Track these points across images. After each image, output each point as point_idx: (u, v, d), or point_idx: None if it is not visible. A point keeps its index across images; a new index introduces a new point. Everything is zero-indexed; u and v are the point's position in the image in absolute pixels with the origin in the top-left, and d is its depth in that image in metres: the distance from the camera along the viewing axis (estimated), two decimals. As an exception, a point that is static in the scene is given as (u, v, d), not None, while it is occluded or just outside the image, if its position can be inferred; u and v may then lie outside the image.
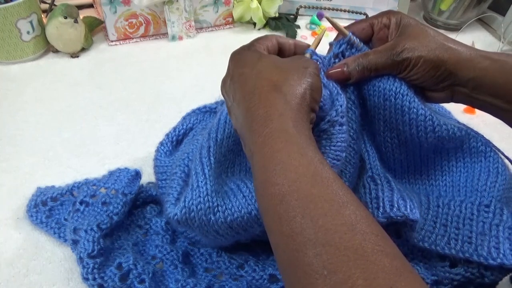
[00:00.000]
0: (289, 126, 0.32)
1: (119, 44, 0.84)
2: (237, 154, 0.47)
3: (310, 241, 0.27)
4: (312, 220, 0.28)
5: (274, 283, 0.43)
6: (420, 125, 0.42)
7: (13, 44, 0.75)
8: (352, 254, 0.26)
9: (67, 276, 0.46)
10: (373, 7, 0.94)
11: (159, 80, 0.76)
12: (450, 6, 0.90)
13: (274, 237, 0.30)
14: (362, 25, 0.45)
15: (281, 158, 0.31)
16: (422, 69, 0.41)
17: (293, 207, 0.29)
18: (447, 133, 0.42)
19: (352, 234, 0.27)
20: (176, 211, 0.41)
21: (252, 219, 0.40)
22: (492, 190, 0.42)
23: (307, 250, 0.27)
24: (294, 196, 0.29)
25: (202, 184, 0.41)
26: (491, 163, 0.43)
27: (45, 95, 0.71)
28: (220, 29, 0.91)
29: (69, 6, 0.75)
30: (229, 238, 0.43)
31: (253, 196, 0.41)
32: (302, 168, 0.30)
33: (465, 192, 0.44)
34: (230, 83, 0.39)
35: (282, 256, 0.29)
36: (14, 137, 0.63)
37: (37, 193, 0.53)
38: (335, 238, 0.27)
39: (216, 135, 0.45)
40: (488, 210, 0.41)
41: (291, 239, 0.28)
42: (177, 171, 0.47)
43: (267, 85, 0.35)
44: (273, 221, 0.30)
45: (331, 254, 0.26)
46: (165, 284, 0.44)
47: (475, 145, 0.44)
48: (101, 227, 0.44)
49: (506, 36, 0.86)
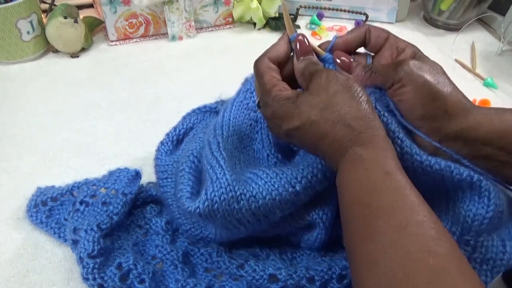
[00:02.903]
0: (363, 151, 0.34)
1: (119, 44, 0.84)
2: (241, 152, 0.47)
3: (393, 244, 0.29)
4: (400, 226, 0.30)
5: (274, 283, 0.43)
6: (397, 151, 0.38)
7: (13, 44, 0.75)
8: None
9: (67, 276, 0.46)
10: (373, 7, 0.94)
11: (159, 80, 0.76)
12: (450, 6, 0.90)
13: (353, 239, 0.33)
14: (355, 36, 0.44)
15: (374, 180, 0.33)
16: (418, 98, 0.39)
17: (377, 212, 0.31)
18: (429, 163, 0.39)
19: (430, 242, 0.28)
20: (198, 204, 0.41)
21: (276, 204, 0.41)
22: (475, 224, 0.39)
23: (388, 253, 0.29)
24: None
25: (221, 176, 0.41)
26: (477, 192, 0.39)
27: (45, 95, 0.71)
28: (220, 29, 0.91)
29: (69, 6, 0.75)
30: (249, 227, 0.43)
31: (275, 182, 0.41)
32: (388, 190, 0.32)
33: (446, 218, 0.41)
34: (287, 136, 0.40)
35: (360, 255, 0.31)
36: (14, 137, 0.63)
37: (37, 193, 0.53)
38: (409, 240, 0.29)
39: (222, 132, 0.45)
40: (468, 244, 0.40)
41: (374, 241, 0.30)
42: (185, 167, 0.47)
43: (327, 128, 0.36)
44: (352, 222, 0.33)
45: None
46: (165, 284, 0.45)
47: (460, 175, 0.39)
48: (101, 227, 0.44)
49: (506, 36, 0.86)
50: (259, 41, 0.88)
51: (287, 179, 0.41)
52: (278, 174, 0.41)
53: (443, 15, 0.92)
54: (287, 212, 0.43)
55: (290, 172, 0.41)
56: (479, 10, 0.90)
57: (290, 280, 0.43)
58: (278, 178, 0.41)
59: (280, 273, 0.43)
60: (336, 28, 0.93)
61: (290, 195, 0.40)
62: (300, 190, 0.40)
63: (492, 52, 0.87)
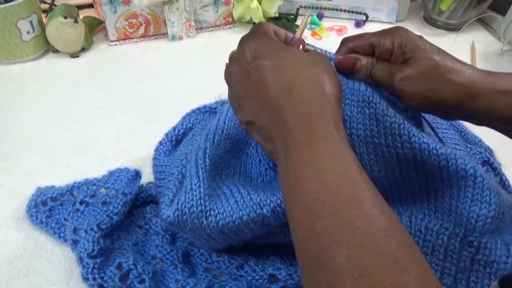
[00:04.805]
0: (331, 128, 0.32)
1: (119, 44, 0.84)
2: (233, 156, 0.47)
3: (344, 241, 0.27)
4: (349, 221, 0.27)
5: (274, 283, 0.43)
6: (394, 133, 0.39)
7: (13, 44, 0.75)
8: (386, 260, 0.25)
9: (67, 276, 0.46)
10: (373, 7, 0.94)
11: (159, 80, 0.76)
12: (450, 6, 0.90)
13: (302, 232, 0.30)
14: (363, 44, 0.42)
15: (323, 156, 0.31)
16: (418, 103, 0.40)
17: (330, 205, 0.28)
18: (426, 147, 0.39)
19: (387, 240, 0.26)
20: (169, 213, 0.41)
21: (243, 224, 0.40)
22: (478, 225, 0.39)
23: (340, 250, 0.26)
24: (331, 195, 0.29)
25: (195, 187, 0.41)
26: (480, 190, 0.40)
27: (45, 95, 0.71)
28: (220, 29, 0.91)
29: (69, 6, 0.75)
30: (221, 242, 0.43)
31: (244, 202, 0.41)
32: (342, 169, 0.30)
33: (449, 219, 0.41)
34: (244, 72, 0.36)
35: (308, 253, 0.29)
36: (14, 137, 0.63)
37: (37, 193, 0.53)
38: (370, 242, 0.26)
39: (214, 136, 0.45)
40: (472, 245, 0.39)
41: (323, 237, 0.27)
42: (175, 171, 0.47)
43: (307, 82, 0.34)
44: (303, 216, 0.29)
45: (364, 258, 0.26)
46: (165, 284, 0.45)
47: (464, 167, 0.39)
48: (101, 227, 0.44)
49: (506, 36, 0.86)
50: (259, 41, 0.88)
51: (257, 201, 0.40)
52: (250, 194, 0.41)
53: (443, 15, 0.92)
54: (259, 232, 0.42)
55: (263, 194, 0.41)
56: (479, 10, 0.90)
57: (290, 280, 0.43)
58: (248, 199, 0.41)
59: (280, 273, 0.43)
60: (336, 28, 0.93)
61: (258, 217, 0.40)
62: (267, 214, 0.40)
63: (492, 52, 0.87)
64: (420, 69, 0.39)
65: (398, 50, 0.40)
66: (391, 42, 0.40)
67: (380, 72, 0.41)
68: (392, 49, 0.40)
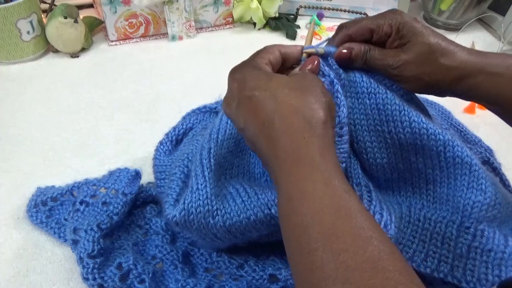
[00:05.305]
0: (315, 154, 0.32)
1: (119, 44, 0.84)
2: (236, 156, 0.46)
3: (329, 277, 0.26)
4: (333, 255, 0.27)
5: (274, 283, 0.43)
6: (396, 120, 0.41)
7: (13, 44, 0.75)
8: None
9: (67, 276, 0.46)
10: (373, 7, 0.94)
11: (159, 80, 0.76)
12: (450, 6, 0.90)
13: (294, 266, 0.30)
14: (362, 30, 0.43)
15: (306, 187, 0.30)
16: (413, 85, 0.41)
17: (315, 239, 0.28)
18: (426, 132, 0.40)
19: (373, 273, 0.26)
20: (175, 213, 0.41)
21: (251, 224, 0.40)
22: (474, 211, 0.40)
23: (326, 286, 0.26)
24: (316, 228, 0.28)
25: (202, 187, 0.41)
26: (475, 178, 0.41)
27: (45, 95, 0.71)
28: (220, 29, 0.91)
29: (69, 6, 0.75)
30: (227, 241, 0.43)
31: (251, 202, 0.41)
32: (326, 199, 0.30)
33: (446, 208, 0.42)
34: (237, 106, 0.37)
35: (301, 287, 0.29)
36: (14, 137, 0.63)
37: (37, 193, 0.53)
38: (356, 276, 0.26)
39: (217, 136, 0.45)
40: (468, 231, 0.40)
41: (311, 272, 0.27)
42: (177, 171, 0.47)
43: (287, 111, 0.34)
44: (294, 251, 0.29)
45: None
46: (165, 284, 0.45)
47: (460, 155, 0.41)
48: (101, 227, 0.44)
49: (506, 36, 0.86)
50: (259, 41, 0.88)
51: (265, 201, 0.40)
52: (258, 194, 0.41)
53: (443, 15, 0.93)
54: (265, 232, 0.42)
55: (270, 194, 0.41)
56: (479, 10, 0.90)
57: (290, 280, 0.43)
58: (256, 198, 0.41)
59: (280, 273, 0.43)
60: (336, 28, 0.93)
61: (266, 217, 0.40)
62: (275, 214, 0.40)
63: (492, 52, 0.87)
64: (415, 55, 0.40)
65: (396, 34, 0.41)
66: (389, 26, 0.41)
67: (375, 59, 0.42)
68: (390, 33, 0.41)
